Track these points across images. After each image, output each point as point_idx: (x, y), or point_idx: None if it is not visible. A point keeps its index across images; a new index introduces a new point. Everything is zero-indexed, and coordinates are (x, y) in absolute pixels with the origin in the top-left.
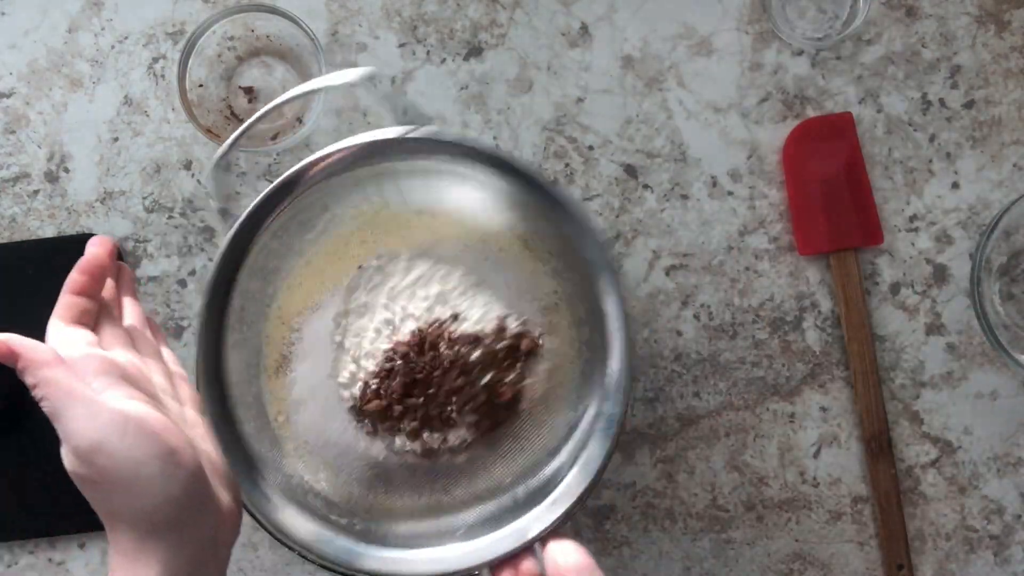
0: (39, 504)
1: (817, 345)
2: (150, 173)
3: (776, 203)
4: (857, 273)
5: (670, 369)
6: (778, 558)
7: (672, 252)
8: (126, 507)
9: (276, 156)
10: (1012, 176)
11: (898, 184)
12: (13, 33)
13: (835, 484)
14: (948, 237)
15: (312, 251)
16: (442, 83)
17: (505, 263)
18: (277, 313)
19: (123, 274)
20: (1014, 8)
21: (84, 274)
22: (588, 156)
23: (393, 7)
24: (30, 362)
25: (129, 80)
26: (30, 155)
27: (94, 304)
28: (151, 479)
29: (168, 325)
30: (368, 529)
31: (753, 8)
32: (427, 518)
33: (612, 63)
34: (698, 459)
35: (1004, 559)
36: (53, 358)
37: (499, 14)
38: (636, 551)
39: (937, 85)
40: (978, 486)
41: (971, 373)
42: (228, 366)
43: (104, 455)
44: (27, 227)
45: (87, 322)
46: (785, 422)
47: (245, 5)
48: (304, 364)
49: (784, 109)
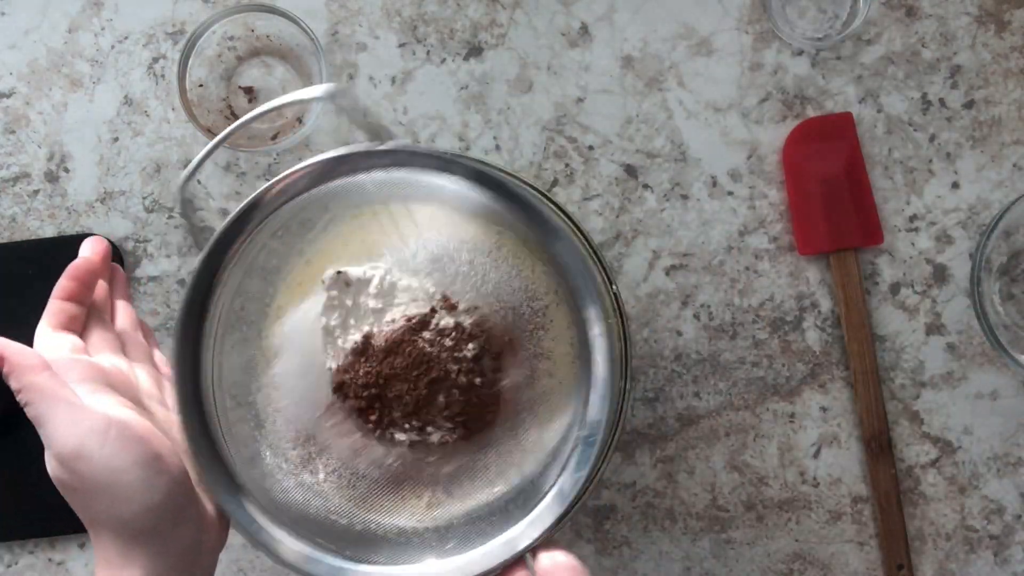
0: (39, 504)
1: (817, 345)
2: (150, 173)
3: (776, 203)
4: (857, 273)
5: (670, 369)
6: (778, 558)
7: (672, 252)
8: (107, 514)
9: (276, 156)
10: (1012, 176)
11: (898, 184)
12: (13, 33)
13: (835, 484)
14: (948, 237)
15: (312, 251)
16: (442, 83)
17: (505, 262)
18: (277, 312)
19: (116, 276)
20: (1014, 8)
21: (73, 280)
22: (588, 156)
23: (393, 7)
24: (15, 367)
25: (129, 80)
26: (30, 155)
27: (82, 309)
28: (132, 486)
29: (168, 325)
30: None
31: (753, 8)
32: (415, 530)
33: (612, 63)
34: (698, 459)
35: (1004, 559)
36: (39, 363)
37: (499, 14)
38: (636, 551)
39: (937, 85)
40: (978, 486)
41: (971, 373)
42: (222, 370)
43: (85, 461)
44: (27, 227)
45: (74, 328)
46: (785, 422)
47: (245, 5)
48: (291, 359)
49: (784, 109)
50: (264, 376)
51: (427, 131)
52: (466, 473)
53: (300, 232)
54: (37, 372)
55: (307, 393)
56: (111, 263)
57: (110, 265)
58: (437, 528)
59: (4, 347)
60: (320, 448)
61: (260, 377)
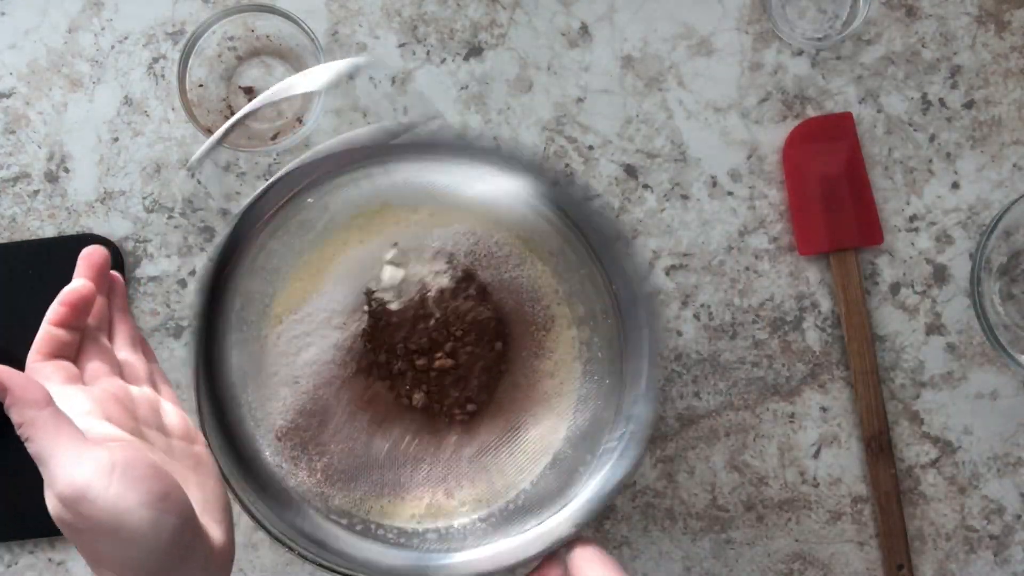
0: (39, 504)
1: (817, 345)
2: (150, 173)
3: (776, 203)
4: (857, 273)
5: (670, 369)
6: (778, 558)
7: (672, 252)
8: (112, 555)
9: (276, 156)
10: (1012, 176)
11: (898, 184)
12: (13, 33)
13: (835, 484)
14: (948, 237)
15: (312, 251)
16: (442, 83)
17: (505, 261)
18: (277, 312)
19: (116, 288)
20: (1014, 8)
21: (66, 306)
22: (588, 156)
23: (393, 7)
24: (18, 400)
25: (129, 80)
26: (30, 155)
27: (75, 335)
28: (137, 528)
29: (168, 325)
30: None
31: (753, 8)
32: (433, 520)
33: (612, 63)
34: (698, 459)
35: (1004, 559)
36: (42, 398)
37: (499, 14)
38: (636, 551)
39: (937, 85)
40: (978, 486)
41: (971, 373)
42: (228, 369)
43: (89, 504)
44: (27, 227)
45: (67, 354)
46: (785, 422)
47: (245, 5)
48: (310, 349)
49: (784, 109)
50: (282, 369)
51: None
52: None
53: (300, 232)
54: (40, 407)
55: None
56: (110, 272)
57: (109, 276)
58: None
59: (8, 377)
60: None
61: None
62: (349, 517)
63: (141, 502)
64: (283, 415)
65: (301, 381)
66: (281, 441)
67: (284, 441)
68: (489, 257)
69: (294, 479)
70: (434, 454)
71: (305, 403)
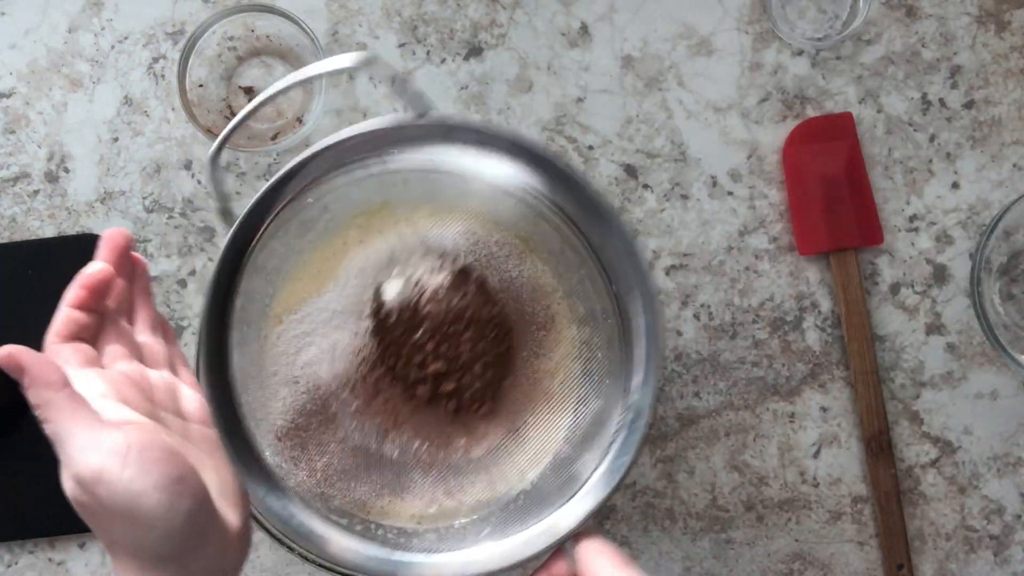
0: (39, 504)
1: (817, 345)
2: (150, 173)
3: (776, 203)
4: (857, 273)
5: (670, 369)
6: (778, 558)
7: (672, 252)
8: (127, 538)
9: (276, 156)
10: (1012, 176)
11: (898, 184)
12: (13, 33)
13: (835, 484)
14: (948, 237)
15: (312, 251)
16: (442, 83)
17: (505, 261)
18: (277, 312)
19: (137, 270)
20: (1014, 8)
21: (85, 288)
22: (588, 156)
23: (393, 7)
24: (36, 380)
25: (129, 80)
26: (30, 155)
27: (94, 318)
28: (153, 511)
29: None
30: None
31: (753, 8)
32: (433, 521)
33: (612, 63)
34: (698, 459)
35: (1004, 559)
36: (59, 379)
37: (499, 14)
38: (636, 551)
39: (937, 85)
40: (978, 486)
41: (971, 373)
42: (229, 369)
43: (105, 485)
44: (27, 227)
45: (86, 336)
46: (785, 422)
47: (245, 5)
48: (310, 348)
49: (784, 109)
50: (285, 367)
51: None
52: (494, 458)
53: (300, 232)
54: (57, 389)
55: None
56: (133, 255)
57: (131, 259)
58: (472, 517)
59: (27, 359)
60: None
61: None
62: (349, 517)
63: (155, 485)
64: (283, 415)
65: (301, 381)
66: (281, 441)
67: (284, 441)
68: (489, 257)
69: (294, 479)
70: (434, 454)
71: (305, 403)
